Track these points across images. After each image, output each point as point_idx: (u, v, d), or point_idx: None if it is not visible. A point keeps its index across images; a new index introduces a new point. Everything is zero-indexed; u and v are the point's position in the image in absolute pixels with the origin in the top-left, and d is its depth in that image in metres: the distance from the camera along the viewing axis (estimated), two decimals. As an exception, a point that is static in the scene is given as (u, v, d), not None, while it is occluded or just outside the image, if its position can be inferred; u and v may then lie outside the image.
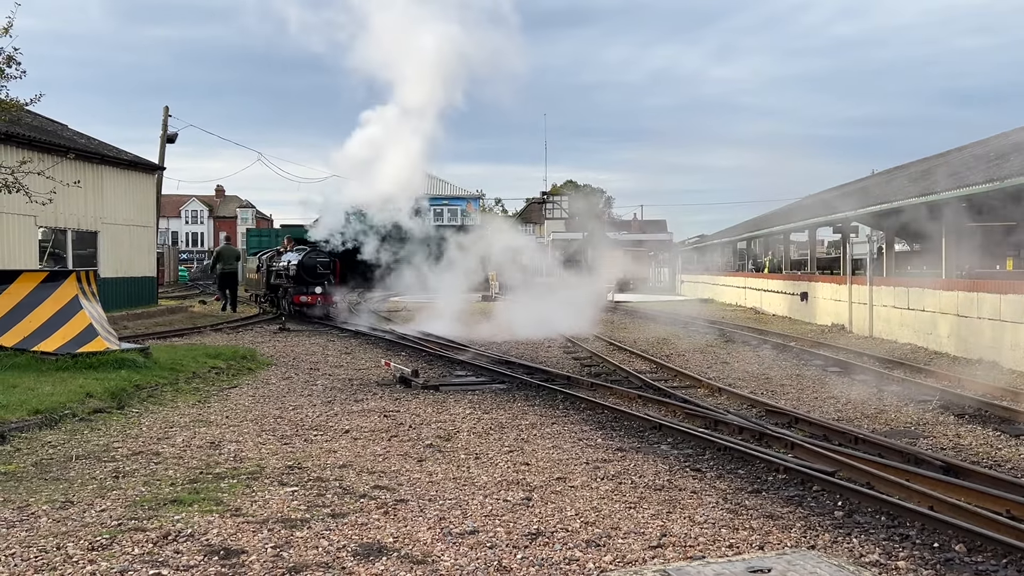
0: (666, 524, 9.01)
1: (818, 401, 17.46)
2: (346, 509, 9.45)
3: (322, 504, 9.66)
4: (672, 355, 25.60)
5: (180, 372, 19.97)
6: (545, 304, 40.11)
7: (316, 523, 8.89)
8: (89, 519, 9.02)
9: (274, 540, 8.31)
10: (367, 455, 12.35)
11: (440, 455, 12.38)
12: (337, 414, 15.83)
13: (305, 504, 9.65)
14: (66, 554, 7.86)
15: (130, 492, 10.14)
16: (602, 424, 15.01)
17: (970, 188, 24.89)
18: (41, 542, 8.21)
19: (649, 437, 13.92)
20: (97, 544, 8.13)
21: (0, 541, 8.23)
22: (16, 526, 8.76)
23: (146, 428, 14.35)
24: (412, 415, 15.72)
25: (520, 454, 12.48)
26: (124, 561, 7.67)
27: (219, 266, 45.69)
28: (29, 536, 8.41)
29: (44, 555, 7.83)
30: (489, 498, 9.97)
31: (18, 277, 20.23)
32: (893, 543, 8.56)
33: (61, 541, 8.23)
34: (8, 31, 22.25)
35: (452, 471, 11.34)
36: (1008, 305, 22.62)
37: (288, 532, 8.58)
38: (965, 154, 35.28)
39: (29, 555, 7.82)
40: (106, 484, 10.55)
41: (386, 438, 13.60)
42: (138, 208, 42.53)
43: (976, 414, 15.97)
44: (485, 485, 10.61)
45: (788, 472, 11.27)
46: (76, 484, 10.56)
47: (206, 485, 10.47)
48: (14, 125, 31.91)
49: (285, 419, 15.28)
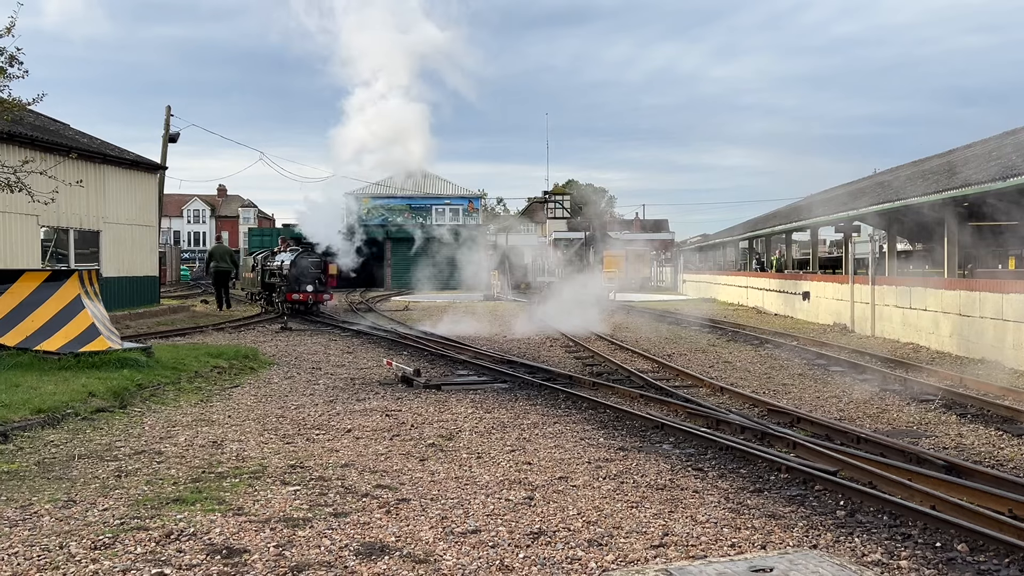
0: (668, 523, 9.01)
1: (820, 401, 17.45)
2: (348, 508, 9.46)
3: (324, 503, 9.66)
4: (674, 354, 25.59)
5: (182, 371, 19.98)
6: (547, 303, 40.16)
7: (318, 522, 8.90)
8: (92, 518, 9.02)
9: (276, 539, 8.31)
10: (369, 454, 12.36)
11: (442, 454, 12.38)
12: (339, 413, 15.83)
13: (307, 503, 9.65)
14: (69, 553, 7.87)
15: (132, 491, 10.15)
16: (604, 423, 15.01)
17: (972, 188, 24.88)
18: (44, 541, 8.22)
19: (651, 436, 13.92)
20: (100, 543, 8.14)
21: (3, 540, 8.24)
22: (19, 525, 8.76)
23: (148, 427, 14.35)
24: (414, 414, 15.73)
25: (522, 453, 12.48)
26: (127, 560, 7.68)
27: (212, 264, 47.29)
28: (32, 535, 8.42)
29: (47, 554, 7.83)
30: (491, 497, 9.97)
31: (20, 276, 20.24)
32: (895, 543, 8.56)
33: (64, 540, 8.24)
34: (11, 31, 22.26)
35: (454, 470, 11.34)
36: (1010, 305, 22.61)
37: (290, 531, 8.59)
38: (967, 153, 35.27)
39: (32, 554, 7.83)
40: (108, 483, 10.55)
41: (388, 437, 13.61)
42: (140, 208, 42.55)
43: (978, 414, 15.97)
44: (487, 484, 10.61)
45: (790, 471, 11.27)
46: (79, 483, 10.57)
47: (208, 484, 10.48)
48: (16, 125, 31.93)
49: (287, 418, 15.29)
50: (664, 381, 19.90)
